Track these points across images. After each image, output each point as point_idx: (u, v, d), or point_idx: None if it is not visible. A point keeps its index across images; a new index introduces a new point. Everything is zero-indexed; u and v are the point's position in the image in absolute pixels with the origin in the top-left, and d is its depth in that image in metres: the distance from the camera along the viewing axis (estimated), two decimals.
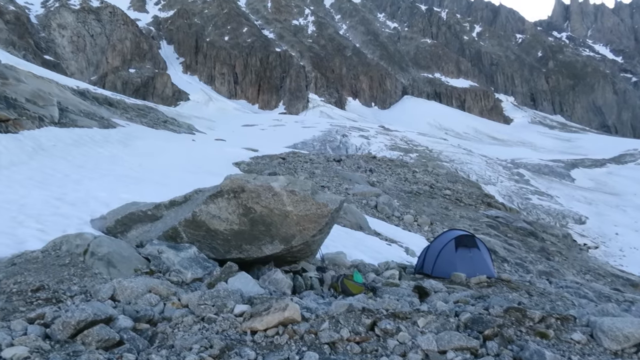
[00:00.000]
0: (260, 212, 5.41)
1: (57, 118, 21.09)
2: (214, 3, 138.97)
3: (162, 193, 9.83)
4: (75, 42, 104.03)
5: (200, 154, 21.72)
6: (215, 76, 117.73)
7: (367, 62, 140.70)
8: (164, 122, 38.87)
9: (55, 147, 15.79)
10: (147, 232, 6.13)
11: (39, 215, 6.68)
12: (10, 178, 10.55)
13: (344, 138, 56.20)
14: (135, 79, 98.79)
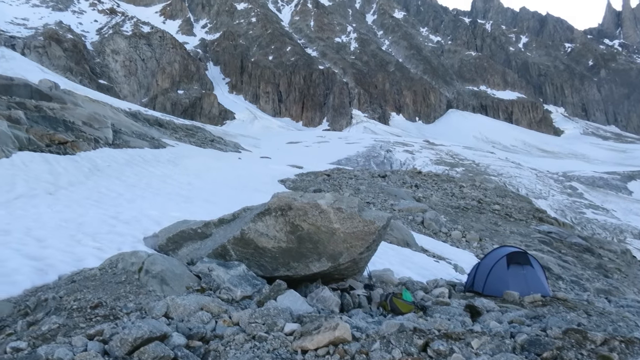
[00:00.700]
0: (307, 230, 5.43)
1: (111, 139, 22.01)
2: (258, 24, 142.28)
3: (211, 211, 10.05)
4: (127, 67, 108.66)
5: (246, 172, 22.10)
6: (260, 95, 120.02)
7: (410, 77, 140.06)
8: (211, 141, 39.87)
9: (109, 168, 16.45)
10: (197, 249, 6.26)
11: (95, 233, 6.96)
12: (69, 198, 11.06)
13: (388, 153, 55.96)
14: (183, 99, 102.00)
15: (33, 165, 13.98)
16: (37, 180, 12.66)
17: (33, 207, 9.19)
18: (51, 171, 13.89)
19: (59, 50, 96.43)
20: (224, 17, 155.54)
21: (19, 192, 11.16)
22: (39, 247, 5.85)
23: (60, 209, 9.17)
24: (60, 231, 6.83)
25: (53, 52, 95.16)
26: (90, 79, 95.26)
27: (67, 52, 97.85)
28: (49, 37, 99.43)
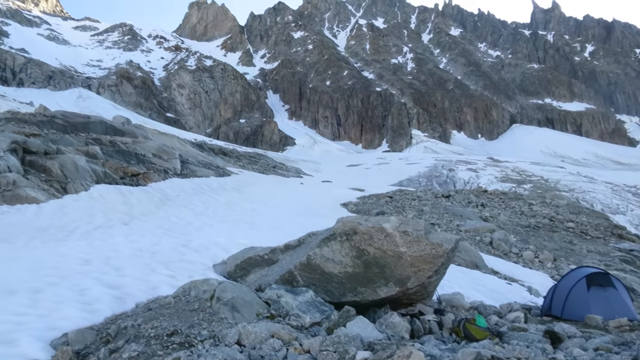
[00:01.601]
0: (373, 254, 5.38)
1: (179, 170, 22.94)
2: (315, 51, 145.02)
3: (276, 237, 10.18)
4: (192, 99, 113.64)
5: (308, 197, 22.32)
6: (319, 120, 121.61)
7: (470, 94, 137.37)
8: (273, 168, 40.66)
9: (178, 197, 17.11)
10: (265, 276, 6.34)
11: (168, 261, 7.22)
12: (143, 227, 11.59)
13: (450, 172, 54.75)
14: (245, 128, 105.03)
15: (109, 197, 14.79)
16: (113, 211, 13.37)
17: (110, 237, 9.69)
18: (125, 202, 14.63)
19: (130, 87, 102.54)
20: (281, 47, 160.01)
21: (97, 223, 11.82)
22: (117, 275, 6.14)
23: (135, 239, 9.61)
24: (136, 260, 7.15)
25: (124, 90, 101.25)
26: (158, 112, 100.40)
27: (137, 88, 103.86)
28: (120, 76, 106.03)
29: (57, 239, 9.74)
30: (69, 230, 10.77)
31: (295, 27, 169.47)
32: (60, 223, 11.47)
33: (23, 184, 13.97)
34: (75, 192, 14.99)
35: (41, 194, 13.88)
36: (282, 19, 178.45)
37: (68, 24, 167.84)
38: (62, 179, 15.64)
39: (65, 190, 15.03)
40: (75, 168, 16.51)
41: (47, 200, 13.57)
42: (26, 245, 8.93)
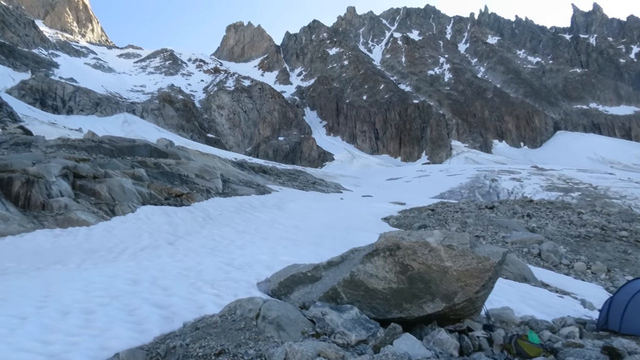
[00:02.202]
0: (417, 269, 5.29)
1: (221, 189, 23.34)
2: (351, 66, 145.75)
3: (319, 253, 10.18)
4: (231, 119, 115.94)
5: (349, 212, 22.25)
6: (357, 134, 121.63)
7: (510, 102, 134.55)
8: (313, 184, 40.82)
9: (221, 216, 17.39)
10: (308, 293, 6.32)
11: (213, 280, 7.32)
12: (187, 247, 11.82)
13: (493, 183, 53.53)
14: (284, 145, 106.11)
15: (155, 218, 15.17)
16: (159, 231, 13.71)
17: (157, 257, 9.92)
18: (170, 222, 14.97)
19: (172, 110, 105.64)
20: (317, 64, 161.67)
21: (144, 243, 12.14)
22: (164, 295, 6.27)
23: (180, 258, 9.81)
24: (182, 280, 7.28)
25: (167, 113, 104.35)
26: (199, 134, 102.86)
27: (179, 111, 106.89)
28: (163, 99, 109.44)
29: (107, 260, 10.05)
30: (118, 251, 11.10)
31: (330, 43, 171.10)
32: (109, 244, 11.85)
33: (74, 207, 14.52)
34: (122, 213, 15.47)
35: (91, 216, 14.39)
36: (317, 37, 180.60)
37: (113, 53, 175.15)
38: (110, 202, 16.18)
39: (114, 212, 15.53)
40: (122, 190, 17.06)
41: (97, 223, 14.05)
42: (78, 267, 9.26)
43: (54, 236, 12.36)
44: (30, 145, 22.19)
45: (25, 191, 14.32)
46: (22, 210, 13.74)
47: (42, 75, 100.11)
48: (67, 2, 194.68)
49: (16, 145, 21.57)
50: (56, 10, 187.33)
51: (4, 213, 12.78)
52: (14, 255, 10.45)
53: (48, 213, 13.99)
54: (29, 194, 14.31)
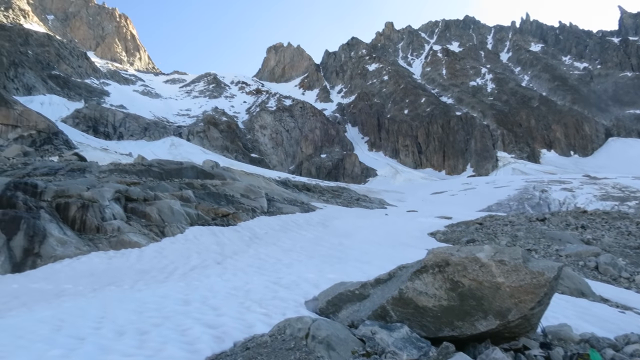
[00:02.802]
0: (468, 286, 5.16)
1: (266, 208, 23.60)
2: (391, 81, 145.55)
3: (365, 270, 10.10)
4: (274, 139, 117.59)
5: (394, 227, 22.02)
6: (399, 149, 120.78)
7: (558, 110, 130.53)
8: (357, 200, 40.69)
9: (267, 235, 17.56)
10: (357, 311, 6.27)
11: (261, 299, 7.37)
12: (235, 266, 11.97)
13: (543, 194, 51.81)
14: (326, 162, 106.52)
15: (203, 238, 15.48)
16: (207, 251, 13.96)
17: (206, 277, 10.09)
18: (218, 242, 15.24)
19: (217, 132, 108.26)
20: (357, 80, 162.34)
21: (193, 263, 12.39)
22: (215, 315, 6.36)
23: (229, 278, 9.94)
24: (231, 299, 7.37)
25: (212, 135, 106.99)
26: (243, 154, 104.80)
27: (223, 133, 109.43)
28: (207, 122, 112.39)
29: (158, 281, 10.31)
30: (169, 272, 11.37)
31: (369, 60, 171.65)
32: (160, 265, 12.16)
33: (126, 229, 15.01)
34: (172, 234, 15.88)
35: (142, 238, 14.83)
36: (356, 54, 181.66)
37: (159, 79, 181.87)
38: (160, 223, 16.64)
39: (163, 233, 15.95)
40: (171, 212, 17.53)
41: (148, 244, 14.46)
42: (131, 288, 9.53)
43: (108, 258, 12.80)
44: (84, 171, 23.18)
45: (81, 215, 14.93)
46: (78, 234, 14.31)
47: (94, 103, 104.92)
48: (116, 33, 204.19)
49: (72, 172, 22.57)
50: (106, 42, 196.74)
51: (62, 237, 13.35)
52: (71, 277, 10.87)
53: (102, 236, 14.52)
54: (85, 217, 14.90)
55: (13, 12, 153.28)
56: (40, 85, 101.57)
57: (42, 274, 11.20)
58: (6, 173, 20.89)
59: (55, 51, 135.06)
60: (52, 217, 14.21)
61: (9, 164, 24.78)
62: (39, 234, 12.97)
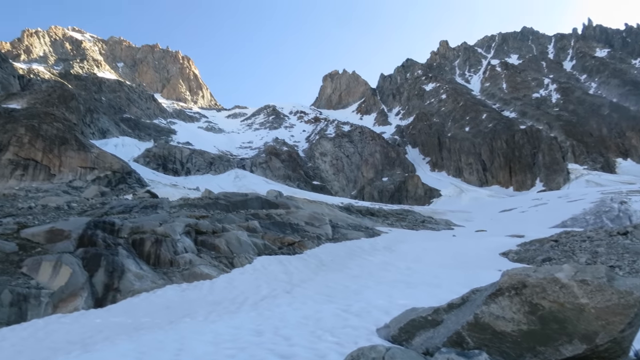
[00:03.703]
0: (549, 308, 4.90)
1: (331, 234, 23.65)
2: (449, 99, 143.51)
3: (436, 295, 9.84)
4: (335, 165, 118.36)
5: (463, 249, 21.36)
6: (463, 167, 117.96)
7: (631, 116, 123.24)
8: (422, 222, 39.95)
9: (333, 262, 17.54)
10: (431, 338, 6.10)
11: (332, 328, 7.33)
12: (304, 294, 12.01)
13: (622, 205, 48.63)
14: (388, 186, 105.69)
15: (271, 268, 15.69)
16: (276, 280, 14.12)
17: (276, 307, 10.19)
18: (285, 271, 15.38)
19: (278, 162, 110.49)
20: (414, 101, 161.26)
21: (263, 293, 12.55)
22: (287, 345, 6.39)
23: (298, 306, 9.97)
24: (302, 328, 7.39)
25: (274, 165, 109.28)
26: (305, 182, 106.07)
27: (285, 162, 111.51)
28: (269, 153, 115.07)
29: (231, 312, 10.51)
30: (240, 302, 11.57)
31: (425, 80, 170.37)
32: (231, 296, 12.41)
33: (198, 262, 15.50)
34: (241, 265, 16.21)
35: (213, 269, 15.24)
36: (411, 75, 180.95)
37: (221, 114, 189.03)
38: (229, 254, 17.06)
39: (232, 264, 16.32)
40: (239, 243, 17.94)
41: (218, 275, 14.83)
42: (205, 319, 9.77)
43: (182, 290, 13.23)
44: (157, 207, 24.27)
45: (155, 250, 15.58)
46: (153, 268, 14.92)
47: (162, 142, 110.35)
48: (180, 75, 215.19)
49: (145, 208, 23.70)
50: (171, 83, 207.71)
51: (138, 271, 13.97)
52: (149, 310, 11.31)
53: (175, 269, 15.06)
54: (159, 252, 15.54)
55: (87, 62, 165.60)
56: (113, 128, 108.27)
57: (121, 308, 11.72)
58: (86, 213, 22.24)
59: (125, 96, 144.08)
60: (129, 253, 14.92)
61: (88, 204, 26.40)
62: (117, 270, 13.64)
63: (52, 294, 11.95)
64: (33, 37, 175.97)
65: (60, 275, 12.59)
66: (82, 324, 10.28)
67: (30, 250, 14.28)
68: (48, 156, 59.17)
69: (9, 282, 11.90)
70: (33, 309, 11.33)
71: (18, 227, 16.59)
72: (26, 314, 11.15)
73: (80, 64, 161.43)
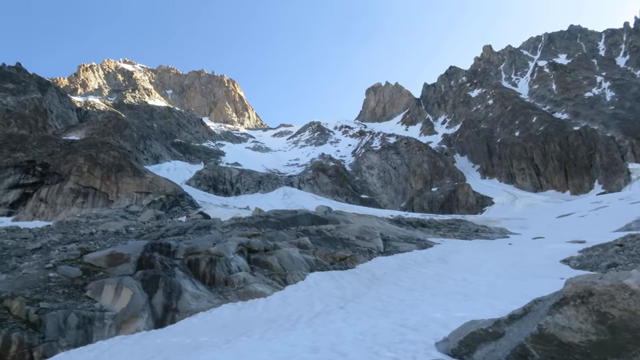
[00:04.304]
0: (619, 317, 4.65)
1: (382, 248, 23.41)
2: (496, 104, 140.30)
3: (495, 306, 9.52)
4: (382, 177, 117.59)
5: (521, 257, 20.62)
6: (515, 173, 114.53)
7: None
8: (476, 232, 38.93)
9: (385, 275, 17.32)
10: (493, 351, 5.90)
11: (389, 343, 7.21)
12: (358, 309, 11.90)
13: None
14: (438, 196, 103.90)
15: (323, 284, 15.66)
16: (329, 296, 14.07)
17: (331, 323, 10.13)
18: (338, 286, 15.31)
19: (325, 177, 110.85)
20: (460, 109, 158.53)
21: (316, 310, 12.53)
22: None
23: (353, 322, 9.88)
24: (359, 344, 7.30)
25: (321, 181, 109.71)
26: (353, 196, 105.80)
27: (332, 177, 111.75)
28: (316, 169, 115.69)
29: (286, 329, 10.54)
30: (294, 320, 11.59)
31: (470, 86, 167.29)
32: (285, 313, 12.45)
33: (251, 280, 15.68)
34: (294, 282, 16.28)
35: (266, 287, 15.36)
36: (456, 82, 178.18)
37: (267, 134, 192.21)
38: (281, 272, 17.18)
39: (286, 281, 16.41)
40: (291, 260, 18.04)
41: (272, 293, 14.94)
42: (261, 337, 9.83)
43: (237, 309, 13.39)
44: (209, 227, 24.81)
45: (210, 269, 15.89)
46: (209, 287, 15.20)
47: (212, 164, 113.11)
48: (226, 98, 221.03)
49: (199, 229, 24.28)
50: (218, 106, 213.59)
51: (195, 291, 14.27)
52: (206, 329, 11.50)
53: (230, 288, 15.29)
54: (213, 271, 15.84)
55: (139, 92, 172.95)
56: (165, 153, 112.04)
57: (180, 328, 11.98)
58: (144, 236, 23.01)
59: (175, 121, 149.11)
60: (185, 274, 15.28)
61: (145, 228, 27.32)
62: (175, 291, 13.98)
63: (114, 316, 12.37)
64: (88, 71, 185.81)
65: (122, 298, 13.03)
66: (144, 344, 10.57)
67: (93, 274, 14.88)
68: (106, 183, 61.86)
69: (75, 306, 12.42)
70: (98, 331, 11.76)
71: (81, 252, 17.36)
72: (92, 336, 11.58)
73: (132, 93, 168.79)
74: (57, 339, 11.08)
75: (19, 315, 11.71)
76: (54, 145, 69.40)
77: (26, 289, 13.23)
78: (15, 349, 10.42)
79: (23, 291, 13.03)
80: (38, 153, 66.30)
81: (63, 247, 19.99)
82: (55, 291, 13.34)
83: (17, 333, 10.79)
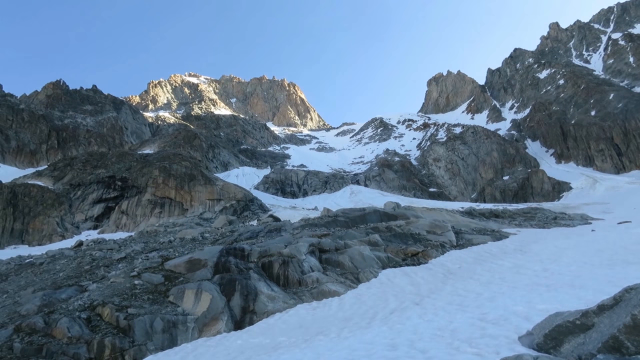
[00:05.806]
0: None
1: (455, 241, 22.84)
2: (568, 84, 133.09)
3: (582, 296, 9.04)
4: (450, 169, 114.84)
5: (606, 244, 19.40)
6: (594, 155, 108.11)
7: None
8: (554, 219, 37.11)
9: (460, 269, 16.89)
10: (582, 344, 5.58)
11: (469, 338, 7.02)
12: (434, 305, 11.68)
13: None
14: (511, 184, 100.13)
15: (396, 280, 15.51)
16: (403, 292, 13.91)
17: (407, 320, 10.01)
18: (412, 282, 15.11)
19: (391, 173, 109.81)
20: (529, 92, 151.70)
21: (391, 307, 12.42)
22: (424, 358, 6.23)
23: (430, 318, 9.71)
24: (438, 340, 7.17)
25: (387, 176, 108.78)
26: (421, 190, 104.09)
27: (398, 172, 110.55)
28: (381, 165, 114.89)
29: (362, 327, 10.53)
30: (370, 317, 11.56)
31: (538, 67, 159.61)
32: (360, 311, 12.44)
33: (324, 280, 15.80)
34: (366, 280, 16.24)
35: (340, 286, 15.42)
36: (522, 64, 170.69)
37: (331, 134, 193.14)
38: (353, 270, 17.19)
39: (358, 279, 16.40)
40: (362, 258, 18.00)
41: (346, 292, 14.98)
42: (338, 336, 9.88)
43: (312, 309, 13.54)
44: (280, 230, 25.27)
45: (283, 271, 16.18)
46: (283, 288, 15.49)
47: (278, 167, 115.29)
48: (288, 101, 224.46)
49: (270, 232, 24.79)
50: (281, 110, 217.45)
51: (270, 293, 14.58)
52: (284, 330, 11.72)
53: (304, 288, 15.49)
54: (287, 273, 16.12)
55: (205, 103, 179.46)
56: (233, 160, 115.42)
57: (259, 329, 12.29)
58: (218, 242, 23.81)
59: (241, 128, 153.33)
60: (260, 276, 15.66)
61: (219, 234, 28.27)
62: (251, 293, 14.37)
63: (196, 319, 12.90)
64: (157, 88, 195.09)
65: (202, 302, 13.56)
66: (226, 346, 10.94)
67: (174, 280, 15.60)
68: (180, 193, 64.72)
69: (160, 311, 13.07)
70: (182, 334, 12.31)
71: (162, 260, 18.24)
72: (176, 339, 12.14)
73: (198, 105, 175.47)
74: (145, 342, 11.72)
75: (110, 321, 12.49)
76: (130, 160, 73.48)
77: (115, 297, 14.08)
78: (109, 353, 11.12)
79: (112, 299, 13.88)
80: (117, 168, 70.48)
81: (145, 255, 21.10)
82: (141, 297, 14.11)
83: (109, 338, 11.52)
